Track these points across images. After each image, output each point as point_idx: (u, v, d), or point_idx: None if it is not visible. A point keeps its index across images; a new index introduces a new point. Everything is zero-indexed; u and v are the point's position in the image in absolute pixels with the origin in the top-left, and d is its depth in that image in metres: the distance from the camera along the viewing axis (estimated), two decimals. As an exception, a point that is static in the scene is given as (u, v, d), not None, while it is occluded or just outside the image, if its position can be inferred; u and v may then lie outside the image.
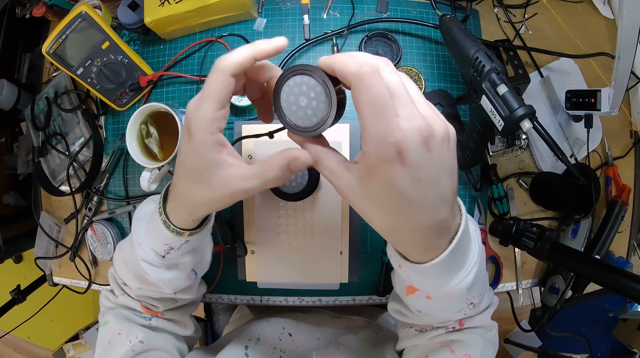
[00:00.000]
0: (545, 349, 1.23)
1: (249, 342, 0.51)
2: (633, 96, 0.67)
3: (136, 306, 0.46)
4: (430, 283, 0.32)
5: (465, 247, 0.30)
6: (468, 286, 0.31)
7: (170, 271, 0.40)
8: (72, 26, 0.55)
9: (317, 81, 0.28)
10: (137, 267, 0.39)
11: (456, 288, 0.31)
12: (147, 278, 0.40)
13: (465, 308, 0.36)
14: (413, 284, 0.34)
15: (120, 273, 0.44)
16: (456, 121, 0.60)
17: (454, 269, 0.31)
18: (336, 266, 0.60)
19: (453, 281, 0.31)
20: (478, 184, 0.60)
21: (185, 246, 0.39)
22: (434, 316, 0.39)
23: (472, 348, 0.38)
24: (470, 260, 0.32)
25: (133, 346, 0.42)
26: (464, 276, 0.31)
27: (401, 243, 0.30)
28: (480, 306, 0.39)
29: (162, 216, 0.36)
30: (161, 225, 0.36)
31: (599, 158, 0.67)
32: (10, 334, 1.06)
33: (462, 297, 0.34)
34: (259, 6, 0.62)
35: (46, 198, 0.69)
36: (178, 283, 0.42)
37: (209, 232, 0.43)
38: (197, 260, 0.43)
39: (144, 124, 0.57)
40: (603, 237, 0.62)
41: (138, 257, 0.39)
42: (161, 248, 0.38)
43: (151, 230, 0.38)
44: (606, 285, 0.48)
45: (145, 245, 0.38)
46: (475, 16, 0.64)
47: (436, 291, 0.33)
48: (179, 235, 0.36)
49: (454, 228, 0.29)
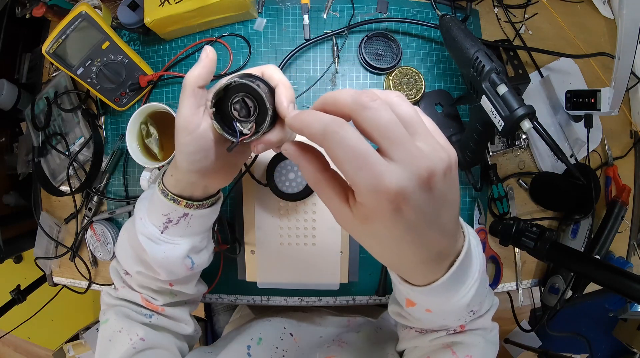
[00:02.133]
0: (545, 349, 1.23)
1: (251, 341, 0.51)
2: (633, 96, 0.67)
3: (136, 298, 0.46)
4: (431, 301, 0.32)
5: (467, 266, 0.30)
6: (469, 302, 0.31)
7: (165, 250, 0.40)
8: (72, 26, 0.55)
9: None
10: (137, 243, 0.40)
11: (457, 304, 0.31)
12: (144, 256, 0.40)
13: (465, 316, 0.37)
14: (412, 299, 0.34)
15: (121, 256, 0.44)
16: (456, 121, 0.60)
17: (455, 288, 0.31)
18: (336, 266, 0.60)
19: (454, 298, 0.31)
20: (478, 184, 0.60)
21: (183, 223, 0.39)
22: (434, 322, 0.39)
23: (473, 350, 0.38)
24: (472, 277, 0.31)
25: (134, 343, 0.42)
26: (465, 293, 0.31)
27: (399, 271, 0.31)
28: (480, 312, 0.39)
29: (160, 186, 0.39)
30: (159, 194, 0.38)
31: (599, 158, 0.67)
32: (10, 334, 1.06)
33: (463, 309, 0.34)
34: (259, 6, 0.62)
35: (46, 198, 0.69)
36: (173, 266, 0.42)
37: (211, 220, 0.43)
38: (195, 246, 0.42)
39: (144, 124, 0.57)
40: (603, 237, 0.62)
41: (138, 231, 0.40)
42: (160, 221, 0.39)
43: (152, 204, 0.40)
44: (606, 285, 0.48)
45: (145, 219, 0.40)
46: (475, 16, 0.64)
47: (437, 307, 0.33)
48: (176, 203, 0.38)
49: (455, 252, 0.28)
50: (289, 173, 0.55)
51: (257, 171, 0.58)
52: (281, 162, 0.55)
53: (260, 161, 0.57)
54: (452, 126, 0.60)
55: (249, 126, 0.31)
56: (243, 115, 0.31)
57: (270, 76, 0.32)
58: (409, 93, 0.59)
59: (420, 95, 0.59)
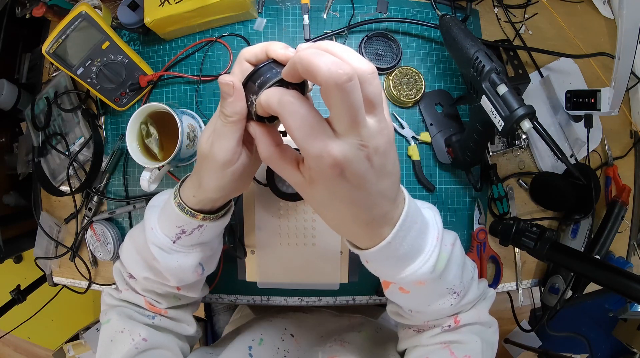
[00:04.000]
0: (545, 349, 1.23)
1: (252, 342, 0.51)
2: (633, 96, 0.67)
3: (140, 301, 0.46)
4: (388, 270, 0.33)
5: (416, 232, 0.32)
6: (431, 269, 0.32)
7: (178, 259, 0.40)
8: (72, 26, 0.55)
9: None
10: (147, 252, 0.40)
11: (419, 272, 0.32)
12: (155, 264, 0.40)
13: (449, 298, 0.37)
14: (379, 275, 0.36)
15: (128, 262, 0.44)
16: (456, 121, 0.60)
17: (409, 254, 0.32)
18: (336, 266, 0.60)
19: (414, 265, 0.32)
20: (478, 184, 0.60)
21: (197, 233, 0.39)
22: (425, 312, 0.39)
23: (471, 350, 0.38)
24: (430, 243, 0.33)
25: (136, 344, 0.42)
26: (425, 260, 0.32)
27: (348, 234, 0.33)
28: (468, 296, 0.39)
29: (177, 199, 0.38)
30: (175, 207, 0.37)
31: (599, 158, 0.67)
32: (10, 334, 1.05)
33: (436, 284, 0.35)
34: (259, 6, 0.62)
35: (46, 198, 0.69)
36: (184, 274, 0.42)
37: (222, 227, 0.43)
38: (207, 255, 0.43)
39: (144, 124, 0.57)
40: (603, 237, 0.62)
41: (149, 241, 0.39)
42: (173, 232, 0.39)
43: (164, 215, 0.39)
44: (606, 285, 0.48)
45: (156, 229, 0.39)
46: (475, 16, 0.64)
47: (403, 280, 0.33)
48: (192, 217, 0.37)
49: (397, 216, 0.30)
50: (289, 173, 0.55)
51: (258, 172, 0.58)
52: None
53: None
54: (452, 126, 0.60)
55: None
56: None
57: (254, 54, 0.31)
58: (409, 93, 0.59)
59: (420, 95, 0.59)
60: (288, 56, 0.29)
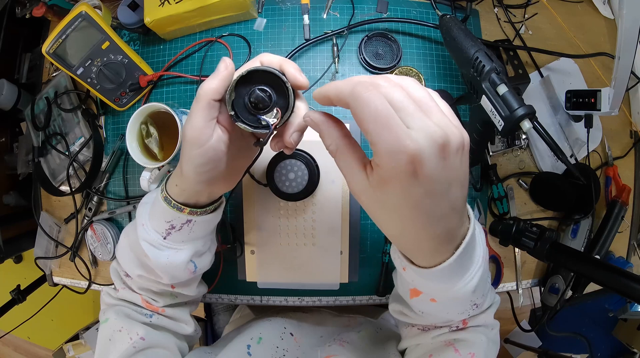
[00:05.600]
0: (545, 349, 1.23)
1: (251, 341, 0.51)
2: (633, 96, 0.67)
3: (137, 300, 0.46)
4: (436, 287, 0.32)
5: (471, 251, 0.31)
6: (473, 289, 0.32)
7: (168, 255, 0.40)
8: (72, 26, 0.55)
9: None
10: (139, 249, 0.40)
11: (461, 291, 0.31)
12: (146, 261, 0.40)
13: (468, 309, 0.36)
14: (417, 287, 0.34)
15: (123, 260, 0.44)
16: (456, 121, 0.60)
17: (459, 273, 0.31)
18: (336, 266, 0.60)
19: (459, 284, 0.31)
20: (478, 184, 0.60)
21: (186, 229, 0.39)
22: (437, 316, 0.39)
23: (475, 348, 0.38)
24: (476, 263, 0.32)
25: (134, 343, 0.42)
26: (470, 279, 0.31)
27: (408, 248, 0.31)
28: (483, 306, 0.39)
29: (164, 193, 0.38)
30: (162, 202, 0.38)
31: (599, 158, 0.67)
32: (10, 334, 1.05)
33: (467, 299, 0.34)
34: (259, 6, 0.62)
35: (46, 198, 0.69)
36: (176, 271, 0.42)
37: (213, 224, 0.43)
38: (198, 251, 0.43)
39: (144, 124, 0.57)
40: (603, 237, 0.62)
41: (140, 238, 0.40)
42: (162, 228, 0.39)
43: (154, 210, 0.39)
44: (606, 285, 0.47)
45: (147, 225, 0.40)
46: (475, 16, 0.64)
47: (441, 294, 0.33)
48: (179, 211, 0.38)
49: (461, 234, 0.29)
50: (289, 173, 0.55)
51: (257, 172, 0.58)
52: (281, 162, 0.55)
53: (260, 161, 0.57)
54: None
55: (273, 112, 0.30)
56: (261, 106, 0.30)
57: (270, 62, 0.32)
58: (409, 93, 0.59)
59: (420, 95, 0.59)
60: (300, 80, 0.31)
